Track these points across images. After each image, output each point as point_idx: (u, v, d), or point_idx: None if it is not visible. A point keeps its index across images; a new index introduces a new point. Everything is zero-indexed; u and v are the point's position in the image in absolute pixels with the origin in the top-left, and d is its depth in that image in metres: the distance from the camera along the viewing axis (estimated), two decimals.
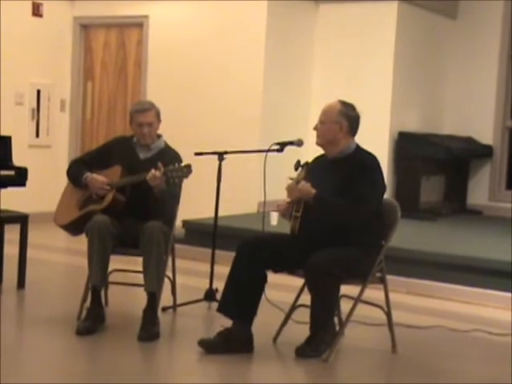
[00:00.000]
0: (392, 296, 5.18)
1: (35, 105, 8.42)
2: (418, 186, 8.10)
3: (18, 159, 5.98)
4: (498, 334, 4.66)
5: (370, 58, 8.08)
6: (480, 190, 8.97)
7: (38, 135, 8.46)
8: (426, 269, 5.92)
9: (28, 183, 5.95)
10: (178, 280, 4.94)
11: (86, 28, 8.77)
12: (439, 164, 8.54)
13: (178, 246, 6.38)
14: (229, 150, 5.11)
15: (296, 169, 4.04)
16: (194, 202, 6.07)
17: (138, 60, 8.46)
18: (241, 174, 7.17)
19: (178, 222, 6.78)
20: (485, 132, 8.92)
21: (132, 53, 8.53)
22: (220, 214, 6.82)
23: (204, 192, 5.93)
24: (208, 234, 5.16)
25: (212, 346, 4.00)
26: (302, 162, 4.05)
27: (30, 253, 5.36)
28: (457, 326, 4.83)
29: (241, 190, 7.06)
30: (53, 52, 8.58)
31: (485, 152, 8.87)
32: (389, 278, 5.45)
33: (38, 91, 8.42)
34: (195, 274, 5.78)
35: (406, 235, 6.80)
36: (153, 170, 4.25)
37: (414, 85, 8.50)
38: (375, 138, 7.85)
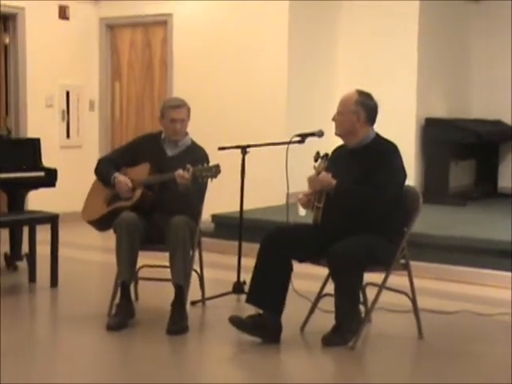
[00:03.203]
0: (420, 282, 5.22)
1: (65, 106, 8.56)
2: (446, 172, 8.08)
3: (49, 160, 6.12)
4: None
5: (394, 47, 8.06)
6: (510, 172, 8.89)
7: (68, 136, 8.61)
8: (454, 254, 5.92)
9: (60, 183, 6.08)
10: (207, 274, 5.00)
11: (111, 28, 8.88)
12: (468, 148, 8.50)
13: (207, 240, 6.55)
14: (256, 143, 5.16)
15: (316, 160, 4.07)
16: (223, 195, 6.13)
17: (164, 58, 8.54)
18: (268, 167, 7.20)
19: (207, 216, 6.95)
20: None
21: (157, 51, 8.62)
22: (249, 206, 6.92)
23: (233, 185, 5.95)
24: (236, 227, 5.21)
25: (242, 324, 4.08)
26: (321, 154, 4.07)
27: (61, 252, 5.48)
28: (484, 310, 4.83)
29: (269, 182, 7.08)
30: (80, 53, 8.72)
31: None
32: (417, 264, 5.55)
33: (68, 92, 8.56)
34: (224, 268, 5.84)
35: (434, 221, 6.80)
36: (180, 171, 4.30)
37: (440, 70, 8.46)
38: (402, 125, 7.90)
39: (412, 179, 7.77)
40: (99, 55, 8.86)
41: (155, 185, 4.54)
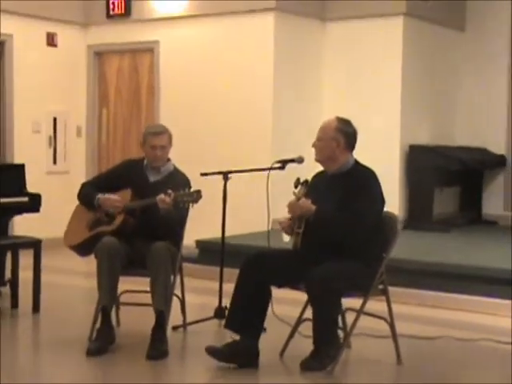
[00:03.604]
0: (403, 308, 5.27)
1: (52, 132, 8.60)
2: (430, 198, 8.13)
3: (35, 186, 6.14)
4: (506, 343, 4.68)
5: (378, 73, 8.16)
6: (495, 199, 8.97)
7: (55, 162, 8.65)
8: (437, 280, 5.94)
9: (47, 209, 6.12)
10: (190, 299, 5.03)
11: (99, 55, 8.96)
12: (453, 175, 8.56)
13: (191, 266, 6.60)
14: (237, 169, 5.21)
15: (296, 186, 4.13)
16: (207, 221, 6.16)
17: (151, 84, 8.62)
18: (252, 192, 7.26)
19: (191, 242, 6.98)
20: (498, 142, 8.94)
21: (145, 78, 8.70)
22: (232, 232, 6.94)
23: (217, 211, 5.99)
24: (220, 253, 5.23)
25: (218, 353, 4.09)
26: (301, 180, 4.13)
27: (45, 277, 5.49)
28: (465, 335, 4.86)
29: (253, 208, 7.11)
30: (68, 80, 8.79)
31: (498, 162, 8.88)
32: (398, 290, 5.63)
33: (55, 119, 8.61)
34: (207, 293, 5.86)
35: (418, 247, 6.86)
36: (162, 195, 4.35)
37: (424, 97, 8.55)
38: (386, 152, 7.98)
39: (396, 206, 7.86)
40: (87, 81, 8.94)
41: (137, 210, 4.57)
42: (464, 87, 9.14)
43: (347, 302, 4.32)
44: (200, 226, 6.89)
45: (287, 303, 4.77)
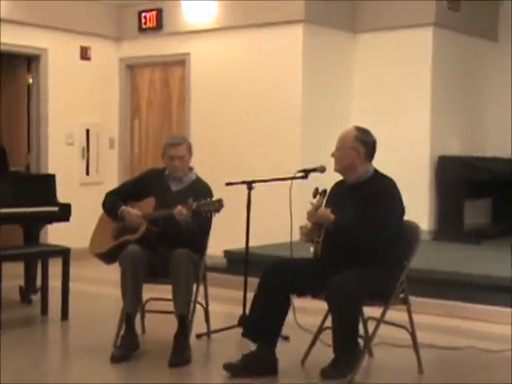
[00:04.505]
0: (429, 318, 5.26)
1: (85, 144, 8.76)
2: (460, 210, 8.09)
3: (69, 197, 6.27)
4: None
5: (408, 84, 8.16)
6: None
7: (88, 173, 8.79)
8: (464, 291, 5.92)
9: (80, 219, 6.25)
10: (216, 308, 5.10)
11: (131, 68, 9.11)
12: (483, 187, 8.50)
13: (219, 276, 6.68)
14: (261, 179, 5.26)
15: (314, 196, 4.16)
16: (236, 231, 6.19)
17: (182, 96, 8.73)
18: (278, 202, 7.31)
19: (220, 252, 7.06)
20: None
21: (176, 89, 8.81)
22: (261, 242, 7.02)
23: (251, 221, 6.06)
24: (249, 263, 5.28)
25: (237, 370, 4.14)
26: (320, 190, 4.17)
27: (74, 285, 5.60)
28: (490, 346, 4.83)
29: (280, 218, 7.15)
30: (101, 92, 8.94)
31: None
32: (426, 300, 5.63)
33: (88, 130, 8.77)
34: (233, 302, 5.89)
35: (445, 258, 6.84)
36: (179, 207, 4.43)
37: (454, 108, 8.53)
38: (415, 163, 7.98)
39: (426, 217, 7.86)
40: (119, 94, 9.10)
41: (159, 219, 4.65)
42: (496, 98, 9.08)
43: (369, 311, 4.35)
44: (229, 236, 6.96)
45: (311, 312, 4.79)
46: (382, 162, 4.41)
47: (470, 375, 4.35)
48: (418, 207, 7.38)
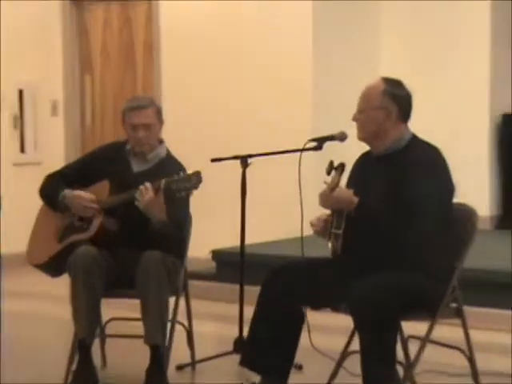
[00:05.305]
0: (491, 336, 5.27)
1: (17, 110, 8.76)
2: None
3: None
4: None
5: (460, 20, 8.19)
6: None
7: (22, 150, 8.79)
8: None
9: (13, 214, 6.25)
10: (203, 329, 5.14)
11: (78, 4, 9.09)
12: None
13: (205, 284, 6.70)
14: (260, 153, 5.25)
15: (328, 173, 4.15)
16: (227, 224, 6.22)
17: (148, 42, 8.73)
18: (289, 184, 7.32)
19: (206, 253, 7.08)
20: None
21: (140, 33, 8.81)
22: (262, 239, 7.04)
23: (239, 212, 6.04)
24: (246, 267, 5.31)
25: None
26: (335, 164, 4.16)
27: (6, 304, 5.61)
28: None
29: (285, 206, 7.18)
30: (38, 39, 8.92)
31: None
32: (485, 311, 5.64)
33: (21, 92, 8.78)
34: (225, 320, 5.95)
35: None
36: (142, 186, 4.43)
37: None
38: (469, 125, 7.96)
39: (485, 198, 7.86)
40: (62, 40, 9.07)
41: (117, 209, 4.66)
42: None
43: (409, 327, 4.37)
44: (218, 232, 6.99)
45: (331, 331, 4.82)
46: (421, 127, 4.40)
47: None
48: (474, 185, 7.37)
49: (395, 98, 4.20)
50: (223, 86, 8.29)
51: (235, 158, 5.17)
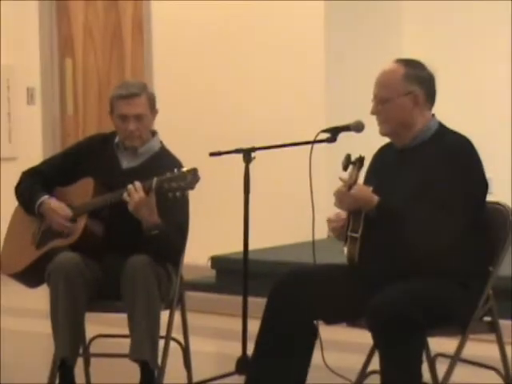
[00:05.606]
0: None
1: None
2: None
3: None
4: None
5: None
6: None
7: None
8: None
9: None
10: (201, 347, 5.13)
11: None
12: None
13: (204, 296, 6.69)
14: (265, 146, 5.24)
15: (345, 168, 4.13)
16: (230, 227, 6.22)
17: (138, 21, 8.73)
18: (299, 181, 7.32)
19: (204, 260, 7.07)
20: None
21: (128, 10, 8.80)
22: (268, 243, 7.05)
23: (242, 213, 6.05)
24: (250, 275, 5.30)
25: None
26: (353, 158, 4.13)
27: None
28: None
29: (294, 206, 7.17)
30: (11, 19, 8.90)
31: None
32: None
33: None
34: (226, 336, 5.94)
35: None
36: (131, 186, 4.41)
37: None
38: (493, 114, 7.99)
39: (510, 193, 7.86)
40: (39, 19, 9.06)
41: (103, 212, 4.65)
42: None
43: (437, 345, 4.35)
44: (218, 236, 6.99)
45: (348, 349, 4.80)
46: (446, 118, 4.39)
47: None
48: (498, 179, 7.36)
49: (419, 79, 4.20)
50: (223, 71, 8.31)
51: (237, 151, 5.15)
